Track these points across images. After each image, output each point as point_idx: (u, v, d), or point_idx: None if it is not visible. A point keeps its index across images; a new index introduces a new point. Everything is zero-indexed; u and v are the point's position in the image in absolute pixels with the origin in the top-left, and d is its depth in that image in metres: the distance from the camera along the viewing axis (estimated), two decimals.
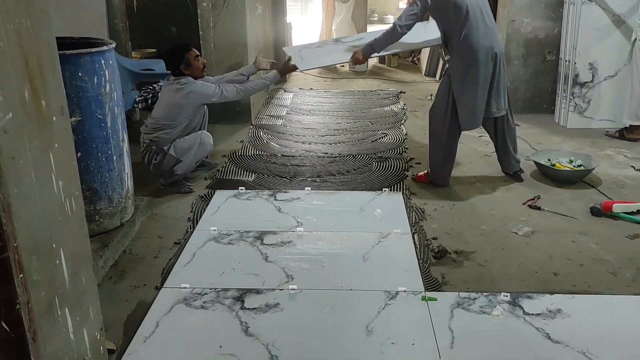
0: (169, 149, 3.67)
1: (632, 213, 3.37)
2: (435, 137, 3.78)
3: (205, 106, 3.99)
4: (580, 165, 4.01)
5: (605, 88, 5.13)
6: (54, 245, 1.62)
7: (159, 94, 3.91)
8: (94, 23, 4.83)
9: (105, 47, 2.79)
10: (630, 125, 4.80)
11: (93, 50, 2.72)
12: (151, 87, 5.12)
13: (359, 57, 3.82)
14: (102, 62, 2.77)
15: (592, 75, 5.11)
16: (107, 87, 2.81)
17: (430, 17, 3.85)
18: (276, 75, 4.02)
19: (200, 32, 5.15)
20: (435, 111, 3.74)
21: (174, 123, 3.67)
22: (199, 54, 3.81)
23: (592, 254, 2.99)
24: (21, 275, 1.44)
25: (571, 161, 4.07)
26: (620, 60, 5.02)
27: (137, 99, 4.98)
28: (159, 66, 5.23)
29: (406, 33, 3.55)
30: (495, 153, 3.99)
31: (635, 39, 4.62)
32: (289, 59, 4.15)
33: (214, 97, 3.74)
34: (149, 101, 5.00)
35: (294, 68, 4.11)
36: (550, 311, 2.46)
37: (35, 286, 1.51)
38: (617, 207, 3.38)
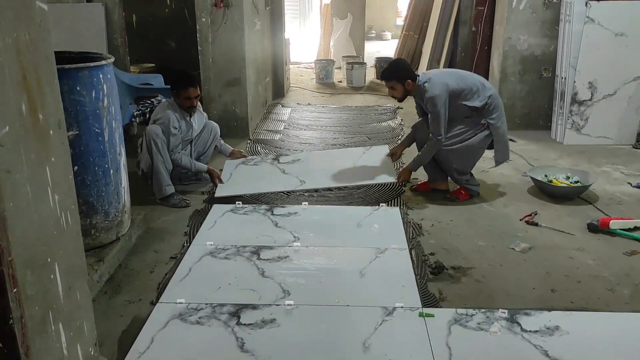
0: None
1: (629, 230, 3.37)
2: (470, 156, 3.85)
3: (212, 135, 4.22)
4: (577, 182, 4.02)
5: (604, 106, 5.16)
6: (49, 259, 1.61)
7: None
8: (93, 37, 4.86)
9: (103, 62, 2.80)
10: None
11: (91, 64, 2.72)
12: (149, 102, 5.13)
13: (407, 176, 3.94)
14: (101, 76, 2.77)
15: (592, 93, 5.14)
16: (105, 101, 2.81)
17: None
18: (202, 168, 4.01)
19: (199, 47, 5.18)
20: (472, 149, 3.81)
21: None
22: (195, 96, 3.88)
23: (589, 270, 2.98)
24: (15, 290, 1.42)
25: (568, 177, 4.08)
26: (621, 79, 5.06)
27: (134, 113, 4.99)
28: (157, 81, 5.25)
29: None
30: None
31: None
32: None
33: (159, 132, 3.76)
34: (147, 115, 5.01)
35: (216, 178, 4.03)
36: (548, 328, 2.45)
37: (29, 301, 1.49)
38: (614, 224, 3.38)
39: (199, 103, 4.01)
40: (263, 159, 4.49)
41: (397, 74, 3.74)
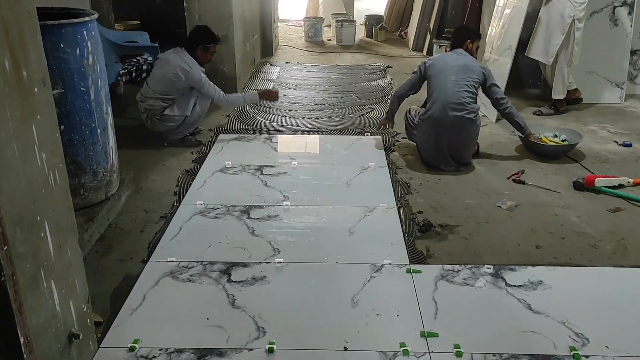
0: (168, 110, 3.93)
1: (613, 187, 3.42)
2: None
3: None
4: (565, 140, 4.05)
5: None
6: (38, 217, 1.62)
7: (160, 57, 4.10)
8: None
9: (87, 18, 2.73)
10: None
11: (75, 20, 2.66)
12: (135, 60, 5.03)
13: (387, 123, 4.21)
14: (85, 33, 2.71)
15: None
16: (90, 59, 2.76)
17: None
18: (254, 97, 4.13)
19: (185, 4, 5.06)
20: None
21: (168, 96, 3.92)
22: (216, 51, 4.14)
23: (573, 227, 3.04)
24: (5, 247, 1.43)
25: (556, 136, 4.10)
26: None
27: (120, 72, 4.90)
28: (143, 38, 5.13)
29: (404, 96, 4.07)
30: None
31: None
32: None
33: (201, 85, 3.97)
34: (133, 74, 4.92)
35: (274, 96, 4.32)
36: (531, 283, 2.51)
37: (20, 258, 1.50)
38: (599, 182, 3.42)
39: None
40: (257, 137, 4.42)
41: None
